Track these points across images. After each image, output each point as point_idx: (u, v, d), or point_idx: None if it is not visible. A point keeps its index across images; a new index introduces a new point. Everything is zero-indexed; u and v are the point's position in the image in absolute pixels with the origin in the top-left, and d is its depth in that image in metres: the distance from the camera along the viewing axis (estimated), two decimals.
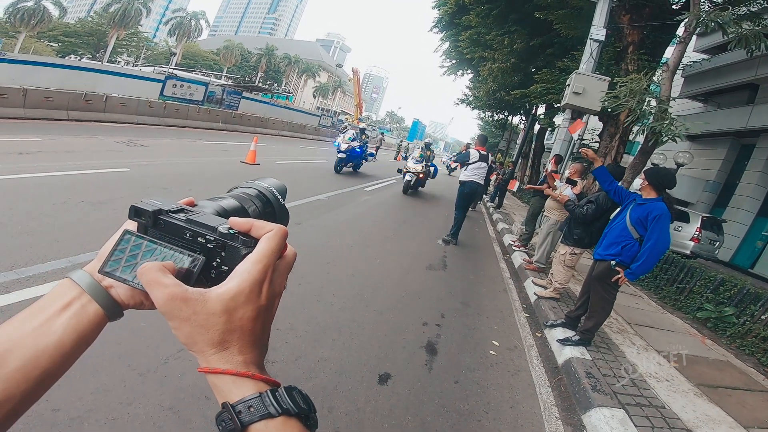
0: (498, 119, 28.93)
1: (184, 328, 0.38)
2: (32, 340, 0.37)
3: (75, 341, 0.39)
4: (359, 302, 3.73)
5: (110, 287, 0.42)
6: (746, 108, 13.73)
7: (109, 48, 48.53)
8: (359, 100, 54.50)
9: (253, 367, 0.39)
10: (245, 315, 0.39)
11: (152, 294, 0.38)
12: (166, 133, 12.83)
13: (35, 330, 0.37)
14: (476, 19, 14.52)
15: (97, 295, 0.41)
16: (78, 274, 0.41)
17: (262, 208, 0.53)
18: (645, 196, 3.41)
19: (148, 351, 2.28)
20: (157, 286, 0.38)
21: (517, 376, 3.15)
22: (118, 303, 0.42)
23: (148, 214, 0.42)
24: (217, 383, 0.38)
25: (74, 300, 0.40)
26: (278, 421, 0.36)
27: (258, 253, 0.40)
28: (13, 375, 0.35)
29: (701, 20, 6.17)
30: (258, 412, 0.36)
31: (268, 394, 0.37)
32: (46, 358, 0.37)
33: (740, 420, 2.98)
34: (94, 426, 1.73)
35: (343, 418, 2.19)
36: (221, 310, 0.38)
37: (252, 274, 0.39)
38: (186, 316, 0.37)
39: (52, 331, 0.38)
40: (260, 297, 0.40)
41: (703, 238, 11.06)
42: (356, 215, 7.25)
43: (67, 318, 0.39)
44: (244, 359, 0.38)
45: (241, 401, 0.36)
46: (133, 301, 0.42)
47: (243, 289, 0.39)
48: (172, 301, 0.37)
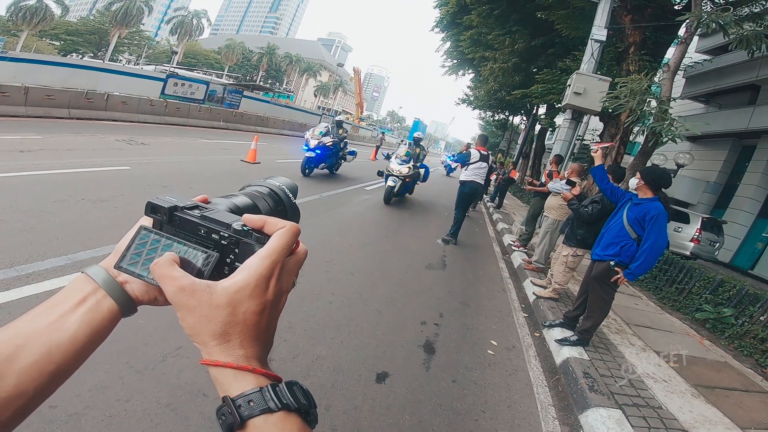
0: (499, 119, 28.90)
1: (188, 318, 0.38)
2: (46, 336, 0.37)
3: (89, 336, 0.39)
4: (358, 301, 3.74)
5: (125, 283, 0.42)
6: (747, 109, 13.71)
7: (111, 46, 48.59)
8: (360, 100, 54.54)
9: (255, 362, 0.39)
10: (249, 309, 0.39)
11: (164, 287, 0.39)
12: (166, 131, 12.84)
13: (50, 325, 0.38)
14: (478, 19, 14.53)
15: (113, 291, 0.41)
16: (93, 269, 0.42)
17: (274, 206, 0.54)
18: (641, 196, 3.41)
19: (146, 348, 2.29)
20: (168, 280, 0.39)
21: (515, 375, 3.16)
22: (132, 299, 0.42)
23: (163, 210, 0.43)
24: (218, 377, 0.38)
25: (89, 295, 0.40)
26: (278, 416, 0.36)
27: (267, 249, 0.41)
28: (27, 370, 0.35)
29: (703, 21, 6.17)
30: (258, 406, 0.36)
31: (268, 388, 0.37)
32: (60, 354, 0.37)
33: (737, 421, 2.98)
34: (91, 422, 1.73)
35: (340, 416, 2.20)
36: (225, 302, 0.38)
37: (259, 268, 0.40)
38: (192, 306, 0.38)
39: (66, 326, 0.38)
40: (266, 292, 0.40)
41: (703, 239, 11.05)
42: (356, 214, 7.26)
43: (82, 313, 0.39)
44: (245, 353, 0.38)
45: (241, 395, 0.36)
46: (148, 296, 0.43)
47: (249, 283, 0.39)
48: (180, 291, 0.38)
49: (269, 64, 70.82)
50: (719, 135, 14.77)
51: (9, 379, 0.34)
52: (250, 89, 30.36)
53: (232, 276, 0.40)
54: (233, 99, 23.05)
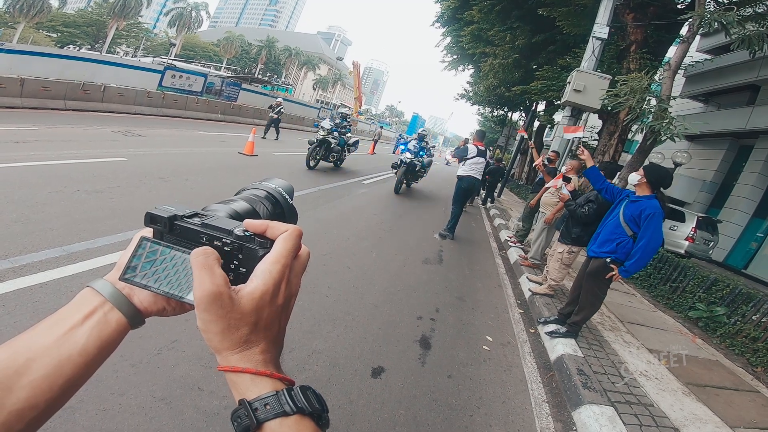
0: (498, 115, 28.87)
1: (215, 325, 0.38)
2: (56, 349, 0.37)
3: (98, 349, 0.39)
4: (354, 295, 3.75)
5: (132, 295, 0.42)
6: (746, 109, 13.73)
7: (109, 38, 48.11)
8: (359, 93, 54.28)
9: (272, 366, 0.40)
10: (269, 314, 0.40)
11: (200, 278, 0.38)
12: (164, 123, 12.76)
13: (58, 339, 0.38)
14: (479, 15, 14.47)
15: (120, 303, 0.41)
16: (99, 283, 0.42)
17: (272, 210, 0.54)
18: (639, 193, 3.42)
19: (141, 342, 2.28)
20: (208, 273, 0.38)
21: (510, 371, 3.18)
22: (140, 310, 0.43)
23: (163, 220, 0.43)
24: (236, 381, 0.38)
25: (97, 308, 0.40)
26: (292, 420, 0.37)
27: (275, 254, 0.41)
28: (38, 383, 0.35)
29: (705, 20, 6.15)
30: (274, 410, 0.37)
31: (284, 392, 0.38)
32: (70, 366, 0.37)
33: (727, 420, 3.01)
34: (85, 416, 1.74)
35: (335, 411, 2.21)
36: (252, 308, 0.39)
37: (272, 274, 0.40)
38: (221, 314, 0.38)
39: (75, 339, 0.38)
40: (279, 297, 0.41)
41: (698, 238, 11.12)
42: (353, 208, 7.25)
43: (90, 327, 0.39)
44: (264, 358, 0.39)
45: (257, 399, 0.37)
46: (156, 307, 0.43)
47: (268, 288, 0.39)
48: (216, 297, 0.37)
49: (268, 57, 70.33)
50: (717, 134, 14.79)
51: (20, 392, 0.35)
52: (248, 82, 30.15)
53: (249, 282, 0.40)
54: (231, 91, 22.92)
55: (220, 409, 1.97)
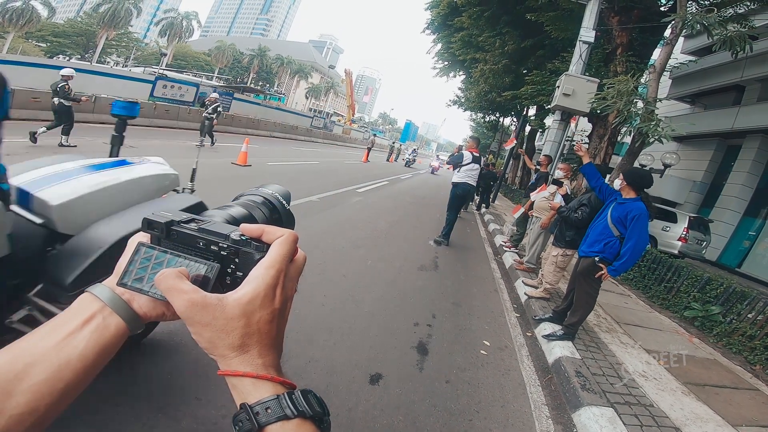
0: (489, 120, 29.07)
1: (204, 333, 0.39)
2: (55, 354, 0.37)
3: (98, 354, 0.39)
4: (350, 303, 3.72)
5: (131, 300, 0.43)
6: (733, 109, 13.97)
7: (99, 48, 48.02)
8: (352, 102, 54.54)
9: (272, 370, 0.40)
10: (262, 318, 0.40)
11: (172, 300, 0.39)
12: (155, 133, 12.70)
13: (58, 344, 0.38)
14: (469, 21, 14.64)
15: (118, 308, 0.41)
16: (98, 288, 0.42)
17: (270, 215, 0.54)
18: (624, 196, 3.56)
19: (139, 349, 2.25)
20: (176, 293, 0.39)
21: (508, 375, 3.17)
22: (139, 315, 0.43)
23: (160, 225, 0.43)
24: (237, 385, 0.39)
25: (96, 314, 0.41)
26: (294, 423, 0.37)
27: (270, 258, 0.41)
28: (38, 388, 0.36)
29: (687, 22, 6.27)
30: (275, 413, 0.37)
31: (285, 396, 0.38)
32: (69, 371, 0.37)
33: (727, 418, 3.02)
34: (79, 425, 1.70)
35: (334, 419, 2.16)
36: (239, 314, 0.39)
37: (266, 278, 0.40)
38: (206, 321, 0.38)
39: (74, 344, 0.38)
40: (274, 301, 0.41)
41: (690, 238, 11.23)
42: (348, 216, 7.24)
43: (89, 332, 0.39)
44: (263, 362, 0.39)
45: (258, 402, 0.37)
46: (155, 312, 0.43)
47: (258, 293, 0.40)
48: (192, 307, 0.38)
49: (260, 66, 70.58)
50: (705, 135, 15.01)
51: (20, 396, 0.35)
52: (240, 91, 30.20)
53: (240, 288, 0.40)
54: (224, 101, 22.91)
55: (218, 419, 1.94)
